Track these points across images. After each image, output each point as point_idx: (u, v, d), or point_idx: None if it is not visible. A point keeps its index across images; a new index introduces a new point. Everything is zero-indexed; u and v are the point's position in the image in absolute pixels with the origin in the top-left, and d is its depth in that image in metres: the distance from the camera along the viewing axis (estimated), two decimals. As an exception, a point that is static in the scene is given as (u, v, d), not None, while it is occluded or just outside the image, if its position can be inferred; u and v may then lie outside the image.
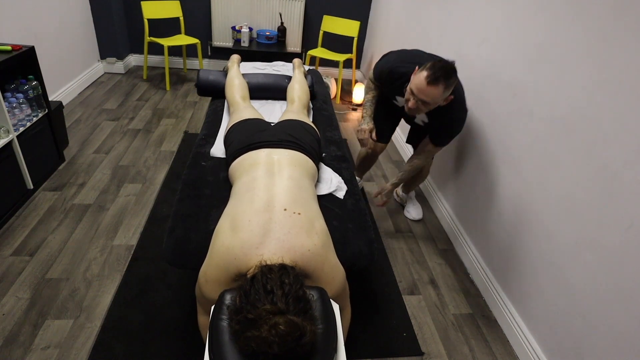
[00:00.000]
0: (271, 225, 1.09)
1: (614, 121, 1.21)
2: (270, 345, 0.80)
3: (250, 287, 0.92)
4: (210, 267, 1.09)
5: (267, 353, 0.81)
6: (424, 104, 1.57)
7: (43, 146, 2.21)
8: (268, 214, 1.12)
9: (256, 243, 1.05)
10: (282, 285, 0.92)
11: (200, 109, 3.35)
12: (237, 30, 3.82)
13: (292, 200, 1.18)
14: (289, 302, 0.88)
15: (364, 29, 4.14)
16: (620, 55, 1.20)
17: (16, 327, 1.46)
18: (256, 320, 0.84)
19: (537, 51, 1.57)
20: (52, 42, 2.93)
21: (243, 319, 0.87)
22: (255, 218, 1.11)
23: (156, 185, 2.31)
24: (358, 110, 3.72)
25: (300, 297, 0.92)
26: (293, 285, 0.93)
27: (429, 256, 2.06)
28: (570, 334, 1.35)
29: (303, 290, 0.94)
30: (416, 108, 1.59)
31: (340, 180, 1.59)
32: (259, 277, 0.94)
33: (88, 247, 1.85)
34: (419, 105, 1.58)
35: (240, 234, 1.07)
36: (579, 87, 1.35)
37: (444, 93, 1.53)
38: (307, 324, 0.86)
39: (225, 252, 1.06)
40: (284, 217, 1.12)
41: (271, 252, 1.03)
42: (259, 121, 1.68)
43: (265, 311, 0.85)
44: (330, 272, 1.12)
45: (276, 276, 0.94)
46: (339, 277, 1.15)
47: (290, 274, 0.96)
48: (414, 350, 1.56)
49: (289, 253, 1.04)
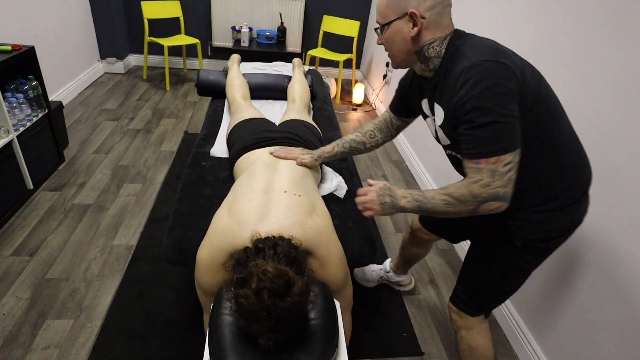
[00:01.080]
0: (271, 205, 1.08)
1: (614, 120, 1.21)
2: (260, 294, 0.78)
3: (243, 253, 0.92)
4: (203, 247, 1.07)
5: (259, 313, 0.79)
6: (380, 30, 1.04)
7: (43, 146, 2.21)
8: (268, 195, 1.11)
9: (254, 220, 1.03)
10: (275, 247, 0.91)
11: (200, 109, 3.35)
12: (237, 30, 3.82)
13: (293, 184, 1.17)
14: (281, 260, 0.87)
15: (364, 29, 4.14)
16: (620, 54, 1.20)
17: (16, 327, 1.46)
18: (246, 278, 0.83)
19: (536, 50, 1.57)
20: (52, 42, 2.93)
21: (235, 282, 0.86)
22: (254, 198, 1.10)
23: (156, 185, 2.31)
24: (358, 110, 3.73)
25: (293, 259, 0.90)
26: (286, 247, 0.91)
27: (429, 256, 2.06)
28: (570, 333, 1.35)
29: (297, 254, 0.93)
30: (382, 44, 1.06)
31: (341, 180, 1.59)
32: (251, 245, 0.94)
33: (88, 247, 1.85)
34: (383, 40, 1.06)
35: (239, 212, 1.06)
36: (579, 86, 1.35)
37: (391, 1, 0.98)
38: (299, 278, 0.84)
39: (222, 230, 1.04)
40: (284, 198, 1.10)
41: (269, 229, 1.00)
42: (263, 120, 1.68)
43: (255, 266, 0.84)
44: (337, 253, 1.09)
45: (270, 241, 0.93)
46: (344, 260, 1.12)
47: (285, 240, 0.94)
48: (414, 350, 1.55)
49: (290, 229, 1.00)
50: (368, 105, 3.83)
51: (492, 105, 0.86)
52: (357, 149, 1.40)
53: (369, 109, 3.76)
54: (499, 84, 0.86)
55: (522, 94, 0.89)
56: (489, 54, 0.89)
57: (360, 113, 3.68)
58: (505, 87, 0.86)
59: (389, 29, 1.01)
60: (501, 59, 0.88)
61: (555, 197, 1.00)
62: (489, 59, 0.88)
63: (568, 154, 1.00)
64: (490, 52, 0.90)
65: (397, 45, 1.03)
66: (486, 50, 0.91)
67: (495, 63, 0.87)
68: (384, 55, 3.58)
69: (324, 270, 1.05)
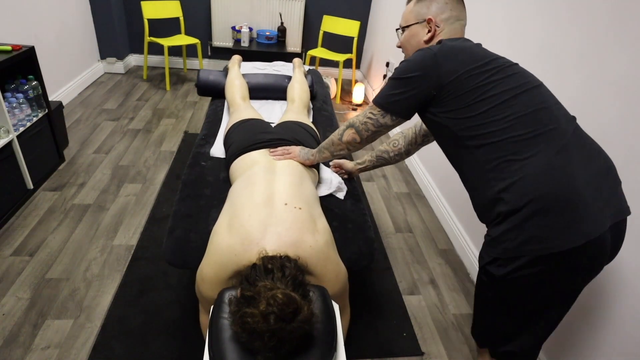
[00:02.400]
0: (271, 219, 1.08)
1: (614, 120, 1.21)
2: (267, 318, 0.79)
3: (251, 270, 0.93)
4: (207, 265, 1.08)
5: (264, 333, 0.79)
6: (401, 32, 1.21)
7: (43, 146, 2.21)
8: (268, 209, 1.11)
9: (257, 238, 1.04)
10: (283, 269, 0.92)
11: (200, 109, 3.35)
12: (237, 30, 3.82)
13: (293, 195, 1.17)
14: (289, 283, 0.88)
15: (364, 29, 4.14)
16: (621, 54, 1.20)
17: (16, 327, 1.46)
18: (254, 297, 0.84)
19: (535, 50, 1.57)
20: (52, 42, 2.93)
21: (241, 298, 0.86)
22: (255, 213, 1.10)
23: (156, 185, 2.31)
24: (358, 110, 3.73)
25: (300, 282, 0.91)
26: (293, 270, 0.92)
27: (429, 256, 2.06)
28: (570, 332, 1.35)
29: (303, 278, 0.94)
30: (400, 46, 1.23)
31: (341, 181, 1.59)
32: (259, 262, 0.95)
33: (88, 247, 1.85)
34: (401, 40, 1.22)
35: (240, 229, 1.06)
36: (578, 86, 1.35)
37: (415, 7, 1.15)
38: (305, 304, 0.85)
39: (225, 249, 1.05)
40: (285, 212, 1.11)
41: (272, 246, 1.02)
42: (260, 122, 1.68)
43: (264, 287, 0.84)
44: (334, 270, 1.11)
45: (277, 261, 0.94)
46: (342, 276, 1.15)
47: (291, 262, 0.96)
48: (414, 350, 1.56)
49: (291, 248, 1.03)
50: (368, 105, 3.83)
51: (400, 69, 1.04)
52: (382, 158, 1.54)
53: (369, 109, 3.75)
54: (417, 62, 1.01)
55: (442, 78, 0.98)
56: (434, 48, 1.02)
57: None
58: (421, 67, 1.00)
59: (408, 31, 1.18)
60: (435, 50, 1.00)
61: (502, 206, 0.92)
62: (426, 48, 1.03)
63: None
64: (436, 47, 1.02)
65: (412, 47, 1.18)
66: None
67: (427, 50, 1.01)
68: (383, 55, 3.59)
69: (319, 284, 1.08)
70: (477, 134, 0.95)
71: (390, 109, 1.10)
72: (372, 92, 3.83)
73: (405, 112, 1.09)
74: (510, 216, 0.90)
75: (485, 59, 0.98)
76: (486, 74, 0.95)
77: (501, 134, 0.92)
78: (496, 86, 0.94)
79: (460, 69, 0.96)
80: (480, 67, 0.96)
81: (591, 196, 0.88)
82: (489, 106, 0.93)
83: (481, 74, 0.95)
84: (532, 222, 0.88)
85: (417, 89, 1.02)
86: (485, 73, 0.95)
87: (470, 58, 0.97)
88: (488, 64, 0.96)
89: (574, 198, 0.87)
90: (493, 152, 0.93)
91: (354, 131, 1.19)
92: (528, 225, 0.89)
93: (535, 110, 0.92)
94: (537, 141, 0.90)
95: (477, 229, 1.95)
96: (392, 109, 1.10)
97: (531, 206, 0.88)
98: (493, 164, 0.93)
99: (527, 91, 0.94)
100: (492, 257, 0.97)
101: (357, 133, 1.19)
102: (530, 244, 0.89)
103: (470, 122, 0.95)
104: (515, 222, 0.90)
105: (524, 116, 0.91)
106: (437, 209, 2.38)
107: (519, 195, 0.89)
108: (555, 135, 0.91)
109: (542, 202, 0.87)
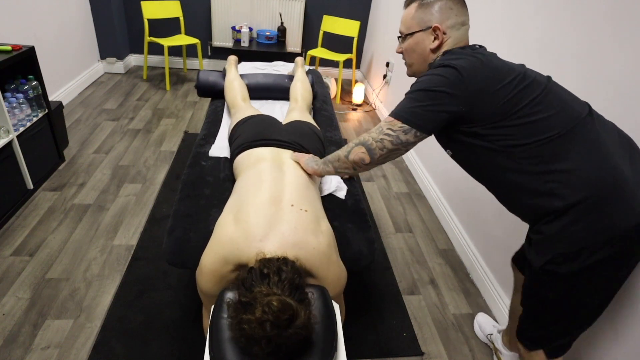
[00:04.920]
0: (277, 219, 1.08)
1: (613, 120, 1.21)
2: (263, 325, 0.79)
3: (247, 275, 0.93)
4: (208, 256, 1.07)
5: (261, 339, 0.80)
6: (402, 39, 1.17)
7: (43, 146, 2.21)
8: (275, 208, 1.11)
9: (260, 235, 1.03)
10: (279, 272, 0.91)
11: (200, 109, 3.35)
12: (237, 30, 3.82)
13: (300, 197, 1.17)
14: (285, 287, 0.88)
15: (364, 29, 4.14)
16: (620, 53, 1.20)
17: (16, 327, 1.46)
18: (250, 303, 0.84)
19: (535, 49, 1.57)
20: (52, 42, 2.93)
21: (238, 304, 0.87)
22: (261, 210, 1.10)
23: (156, 185, 2.31)
24: (358, 110, 3.73)
25: (297, 285, 0.91)
26: (290, 273, 0.92)
27: (429, 256, 2.06)
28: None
29: (301, 280, 0.93)
30: (401, 52, 1.20)
31: (340, 180, 1.59)
32: (256, 266, 0.95)
33: (88, 247, 1.85)
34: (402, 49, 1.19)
35: (245, 225, 1.06)
36: (578, 85, 1.35)
37: (417, 13, 1.11)
38: (302, 309, 0.85)
39: (227, 242, 1.05)
40: (291, 213, 1.10)
41: (274, 246, 1.02)
42: (268, 117, 1.67)
43: (259, 293, 0.84)
44: (336, 272, 1.11)
45: (274, 265, 0.94)
46: (343, 279, 1.15)
47: (289, 265, 0.95)
48: (414, 350, 1.56)
49: (293, 249, 1.02)
50: (368, 105, 3.83)
51: (422, 82, 0.99)
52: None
53: (369, 109, 3.76)
54: (443, 77, 0.97)
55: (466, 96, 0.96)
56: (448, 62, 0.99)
57: (360, 113, 3.68)
58: (447, 83, 0.96)
59: (411, 39, 1.13)
60: (454, 63, 0.97)
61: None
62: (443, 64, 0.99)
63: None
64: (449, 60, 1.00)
65: (416, 55, 1.14)
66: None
67: (445, 67, 0.98)
68: (383, 55, 3.59)
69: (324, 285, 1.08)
70: (517, 142, 0.95)
71: (417, 123, 0.99)
72: (372, 92, 3.83)
73: (432, 126, 1.00)
74: (570, 209, 0.91)
75: (508, 71, 0.98)
76: (512, 85, 0.96)
77: (540, 134, 0.93)
78: (524, 95, 0.95)
79: (488, 87, 0.96)
80: (505, 80, 0.96)
81: (632, 176, 0.92)
82: (525, 113, 0.94)
83: (507, 86, 0.95)
84: (595, 211, 0.90)
85: (446, 105, 0.97)
86: (511, 84, 0.96)
87: (493, 73, 0.97)
88: (510, 75, 0.97)
89: (621, 183, 0.90)
90: (535, 153, 0.94)
91: (364, 150, 1.07)
92: (590, 214, 0.90)
93: (562, 108, 0.95)
94: (574, 134, 0.93)
95: (477, 229, 1.95)
96: (419, 123, 0.99)
97: (588, 196, 0.89)
98: (538, 166, 0.94)
99: (549, 92, 0.96)
100: (552, 254, 0.95)
101: (368, 152, 1.06)
102: (596, 231, 0.90)
103: (509, 130, 0.95)
104: (576, 215, 0.91)
105: (555, 115, 0.94)
106: (437, 209, 2.38)
107: (574, 189, 0.91)
108: (585, 125, 0.94)
109: (596, 190, 0.89)
